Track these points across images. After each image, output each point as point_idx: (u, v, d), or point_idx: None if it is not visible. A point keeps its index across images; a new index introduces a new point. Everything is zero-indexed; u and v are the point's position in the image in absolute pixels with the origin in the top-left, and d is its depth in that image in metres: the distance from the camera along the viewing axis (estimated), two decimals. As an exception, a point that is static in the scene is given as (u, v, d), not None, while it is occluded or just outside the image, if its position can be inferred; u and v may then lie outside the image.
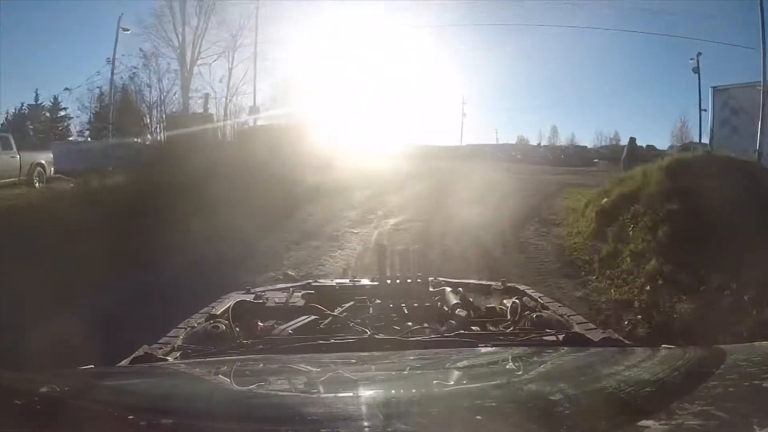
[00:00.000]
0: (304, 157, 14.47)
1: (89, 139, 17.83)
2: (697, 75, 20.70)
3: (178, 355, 1.24)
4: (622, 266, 5.86)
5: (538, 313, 1.53)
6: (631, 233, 6.39)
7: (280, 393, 0.92)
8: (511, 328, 1.46)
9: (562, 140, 31.23)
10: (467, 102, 25.90)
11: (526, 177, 15.75)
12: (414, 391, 0.90)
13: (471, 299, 1.71)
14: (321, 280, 2.06)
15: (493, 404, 0.78)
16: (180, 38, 17.80)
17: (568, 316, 1.61)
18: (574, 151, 27.28)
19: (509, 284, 1.97)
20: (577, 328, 1.47)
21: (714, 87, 14.05)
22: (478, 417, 0.71)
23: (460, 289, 1.77)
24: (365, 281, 1.95)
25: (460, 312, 1.54)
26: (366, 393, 0.88)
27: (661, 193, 6.73)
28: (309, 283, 1.95)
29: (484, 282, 2.11)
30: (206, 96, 17.75)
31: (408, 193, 11.40)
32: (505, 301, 1.70)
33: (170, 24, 17.36)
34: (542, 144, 30.62)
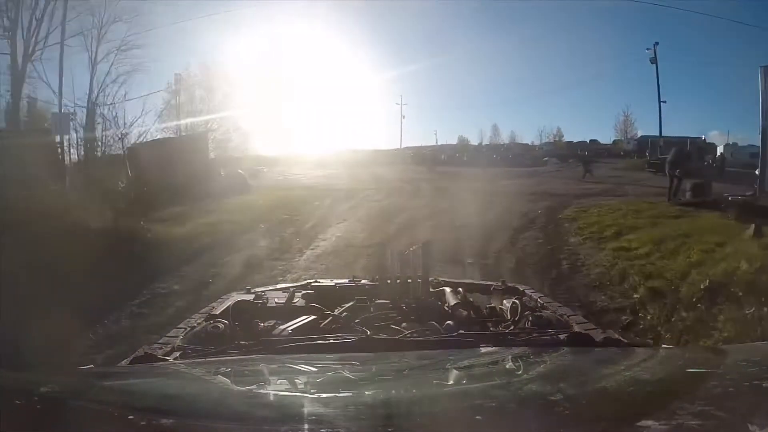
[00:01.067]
0: (199, 181, 10.52)
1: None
2: (654, 66, 19.95)
3: (178, 355, 1.23)
4: None
5: (538, 313, 1.53)
6: None
7: (280, 393, 0.92)
8: (511, 328, 1.46)
9: (504, 138, 30.34)
10: (406, 103, 24.68)
11: (487, 187, 12.73)
12: (414, 391, 0.90)
13: (471, 299, 1.71)
14: (321, 280, 2.06)
15: (493, 404, 0.78)
16: (10, 15, 11.99)
17: (568, 316, 1.61)
18: (520, 150, 26.43)
19: (509, 284, 1.97)
20: (577, 328, 1.46)
21: (765, 66, 10.07)
22: (478, 417, 0.71)
23: (460, 289, 1.78)
24: (365, 281, 1.96)
25: (460, 312, 1.54)
26: (366, 393, 0.88)
27: None
28: (309, 284, 1.95)
29: (484, 282, 2.11)
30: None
31: (330, 243, 7.23)
32: (505, 301, 1.70)
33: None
34: (484, 143, 29.69)
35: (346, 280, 2.04)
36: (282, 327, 1.41)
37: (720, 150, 23.99)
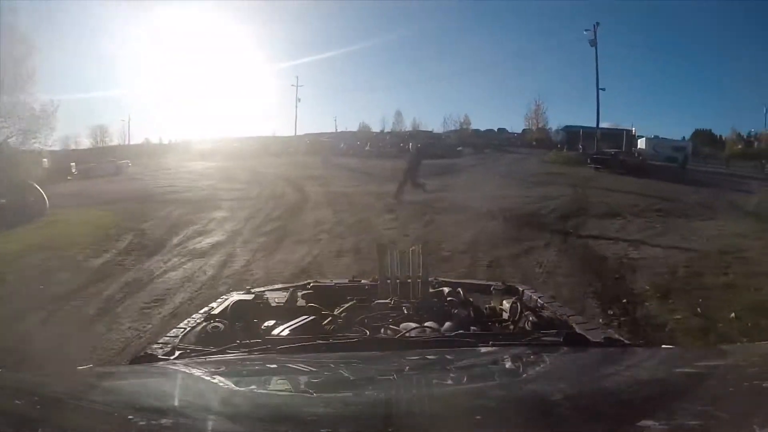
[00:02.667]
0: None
1: None
2: (594, 48, 19.75)
3: (178, 355, 1.23)
4: None
5: (538, 313, 1.53)
6: None
7: (280, 393, 0.92)
8: (511, 328, 1.46)
9: (407, 125, 28.99)
10: (302, 85, 22.66)
11: (410, 196, 9.22)
12: (414, 391, 0.90)
13: (471, 299, 1.71)
14: (321, 280, 2.06)
15: (493, 404, 0.78)
16: None
17: (567, 316, 1.61)
18: (427, 139, 24.37)
19: (509, 284, 1.97)
20: (577, 328, 1.46)
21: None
22: (478, 417, 0.71)
23: (460, 289, 1.78)
24: (365, 281, 1.96)
25: (460, 312, 1.54)
26: (366, 393, 0.88)
27: None
28: (309, 283, 1.95)
29: (483, 282, 2.11)
30: None
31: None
32: (504, 301, 1.70)
33: None
34: (386, 130, 28.10)
35: (346, 280, 2.04)
36: (282, 327, 1.41)
37: (641, 143, 23.62)
